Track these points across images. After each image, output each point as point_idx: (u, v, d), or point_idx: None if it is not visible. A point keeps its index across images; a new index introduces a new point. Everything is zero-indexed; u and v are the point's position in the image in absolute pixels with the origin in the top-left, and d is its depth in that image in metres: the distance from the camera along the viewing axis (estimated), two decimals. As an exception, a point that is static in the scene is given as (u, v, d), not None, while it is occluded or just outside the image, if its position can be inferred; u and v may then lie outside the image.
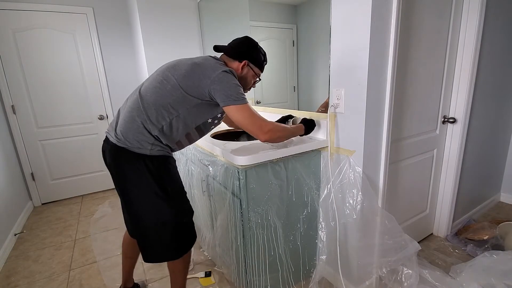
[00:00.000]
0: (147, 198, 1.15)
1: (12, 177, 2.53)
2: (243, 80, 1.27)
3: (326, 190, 1.47)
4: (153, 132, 1.11)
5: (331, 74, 1.38)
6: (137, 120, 1.11)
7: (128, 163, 1.12)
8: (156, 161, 1.14)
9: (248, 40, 1.29)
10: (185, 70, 1.13)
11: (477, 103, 1.87)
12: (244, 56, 1.25)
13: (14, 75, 2.66)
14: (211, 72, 1.10)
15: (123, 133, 1.12)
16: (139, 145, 1.11)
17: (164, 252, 1.23)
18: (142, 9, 2.50)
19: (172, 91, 1.11)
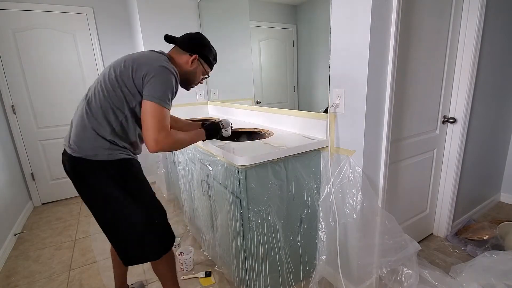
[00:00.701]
0: (114, 204, 1.12)
1: (12, 177, 2.53)
2: (192, 74, 1.25)
3: (326, 190, 1.47)
4: (106, 137, 1.08)
5: (331, 74, 1.38)
6: (88, 127, 1.07)
7: (88, 173, 1.09)
8: (117, 166, 1.11)
9: (202, 37, 1.28)
10: (124, 66, 1.08)
11: (477, 103, 1.87)
12: (196, 51, 1.23)
13: (14, 75, 2.66)
14: (153, 62, 1.06)
15: (77, 142, 1.09)
16: (95, 152, 1.07)
17: (141, 255, 1.21)
18: (142, 9, 2.50)
19: (114, 91, 1.07)
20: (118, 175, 1.11)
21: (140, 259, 1.22)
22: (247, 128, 1.97)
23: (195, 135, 1.28)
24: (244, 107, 2.28)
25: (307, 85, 1.79)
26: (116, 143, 1.10)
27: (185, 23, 2.71)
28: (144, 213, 1.17)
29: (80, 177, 1.12)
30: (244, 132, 1.96)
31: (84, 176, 1.11)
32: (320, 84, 1.66)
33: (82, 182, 1.13)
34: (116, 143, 1.10)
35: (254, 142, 1.48)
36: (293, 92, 1.90)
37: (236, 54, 2.41)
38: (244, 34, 2.21)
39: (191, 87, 1.32)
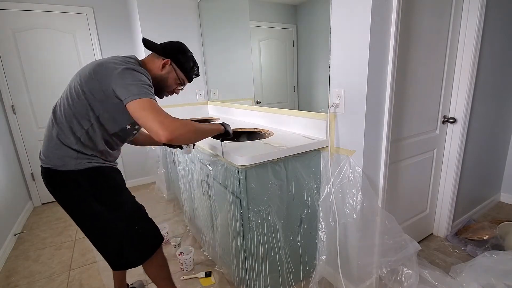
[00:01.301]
0: (89, 217, 1.11)
1: (12, 177, 2.53)
2: (163, 80, 1.18)
3: (326, 190, 1.47)
4: (72, 146, 1.04)
5: (331, 74, 1.38)
6: (54, 137, 1.06)
7: (60, 183, 1.08)
8: (87, 175, 1.07)
9: (180, 44, 1.21)
10: (88, 73, 1.03)
11: (477, 103, 1.87)
12: (169, 55, 1.16)
13: (14, 75, 2.66)
14: (114, 69, 0.99)
15: (45, 153, 1.08)
16: (63, 162, 1.05)
17: (124, 262, 1.19)
18: (142, 9, 2.50)
19: (78, 99, 1.03)
20: (88, 185, 1.07)
21: (124, 266, 1.21)
22: (247, 128, 1.97)
23: (212, 127, 1.21)
24: (244, 107, 2.28)
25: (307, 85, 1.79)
26: (83, 152, 1.06)
27: (185, 23, 2.71)
28: (121, 223, 1.14)
29: (55, 189, 1.10)
30: (244, 132, 1.96)
31: (56, 188, 1.09)
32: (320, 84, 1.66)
33: (58, 194, 1.11)
34: (83, 152, 1.06)
35: (254, 142, 1.48)
36: (293, 92, 1.90)
37: (236, 54, 2.41)
38: (244, 34, 2.21)
39: (165, 95, 1.25)
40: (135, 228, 1.17)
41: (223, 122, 1.31)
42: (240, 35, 2.30)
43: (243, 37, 2.25)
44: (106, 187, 1.12)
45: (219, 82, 2.77)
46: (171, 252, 2.00)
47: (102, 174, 1.11)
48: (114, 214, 1.12)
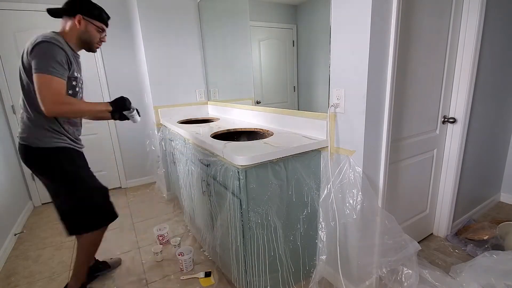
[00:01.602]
0: (51, 185, 1.34)
1: (12, 177, 2.53)
2: (85, 34, 1.32)
3: (326, 190, 1.47)
4: (33, 123, 1.22)
5: (331, 74, 1.38)
6: (22, 116, 1.27)
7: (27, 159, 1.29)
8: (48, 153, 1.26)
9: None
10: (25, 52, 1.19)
11: (477, 103, 1.87)
12: (75, 11, 1.26)
13: (14, 75, 2.66)
14: (34, 40, 1.15)
15: (19, 130, 1.29)
16: (28, 140, 1.24)
17: (75, 227, 1.40)
18: (142, 8, 2.50)
19: (23, 78, 1.20)
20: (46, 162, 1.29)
21: (74, 232, 1.41)
22: (247, 128, 1.97)
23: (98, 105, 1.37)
24: (244, 107, 2.28)
25: (307, 85, 1.79)
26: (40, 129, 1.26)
27: (185, 23, 2.71)
28: (74, 197, 1.35)
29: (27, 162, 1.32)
30: (244, 132, 1.96)
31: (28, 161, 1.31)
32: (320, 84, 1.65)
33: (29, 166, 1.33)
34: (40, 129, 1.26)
35: (254, 142, 1.48)
36: (293, 92, 1.90)
37: (236, 54, 2.41)
38: (244, 34, 2.21)
39: (96, 47, 1.40)
40: (84, 204, 1.38)
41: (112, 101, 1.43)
42: (240, 35, 2.30)
43: (243, 37, 2.25)
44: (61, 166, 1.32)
45: (219, 82, 2.77)
46: (171, 252, 2.00)
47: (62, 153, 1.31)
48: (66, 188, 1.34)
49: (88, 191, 1.40)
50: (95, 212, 1.43)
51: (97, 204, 1.43)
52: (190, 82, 2.84)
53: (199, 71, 2.87)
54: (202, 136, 1.67)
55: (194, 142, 1.75)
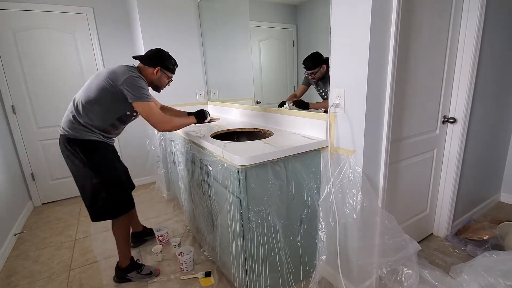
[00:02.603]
0: (81, 172, 1.52)
1: (12, 177, 2.53)
2: (158, 81, 1.64)
3: (326, 190, 1.47)
4: (83, 122, 1.48)
5: (331, 74, 1.38)
6: (69, 114, 1.52)
7: (66, 148, 1.50)
8: (86, 144, 1.50)
9: (159, 51, 1.63)
10: (104, 75, 1.46)
11: (477, 103, 1.87)
12: (157, 64, 1.59)
13: (14, 75, 2.66)
14: (122, 75, 1.43)
15: (63, 125, 1.54)
16: (74, 132, 1.49)
17: (101, 214, 1.60)
18: (142, 9, 2.50)
19: (96, 92, 1.45)
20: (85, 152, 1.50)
21: (95, 218, 1.60)
22: (247, 128, 1.97)
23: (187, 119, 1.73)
24: (244, 107, 2.28)
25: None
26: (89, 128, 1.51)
27: (185, 23, 2.71)
28: (102, 183, 1.53)
29: (64, 152, 1.54)
30: (244, 132, 1.96)
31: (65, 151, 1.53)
32: (320, 84, 1.65)
33: (65, 156, 1.54)
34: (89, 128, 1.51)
35: (254, 142, 1.48)
36: (293, 92, 1.90)
37: (236, 54, 2.41)
38: (244, 34, 2.21)
39: (161, 89, 1.72)
40: (110, 191, 1.57)
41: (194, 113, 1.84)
42: (240, 35, 2.30)
43: (243, 37, 2.25)
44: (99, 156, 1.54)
45: (219, 82, 2.76)
46: (171, 252, 2.00)
47: (99, 147, 1.54)
48: (98, 176, 1.52)
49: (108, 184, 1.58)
50: (112, 201, 1.60)
51: (113, 197, 1.59)
52: (190, 82, 2.84)
53: (199, 71, 2.87)
54: (202, 136, 1.67)
55: (194, 142, 1.75)
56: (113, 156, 1.65)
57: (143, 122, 3.27)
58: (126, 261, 1.73)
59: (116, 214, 1.63)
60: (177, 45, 2.70)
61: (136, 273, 1.72)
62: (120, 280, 1.73)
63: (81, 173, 1.52)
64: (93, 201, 1.56)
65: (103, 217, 1.61)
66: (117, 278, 1.73)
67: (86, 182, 1.53)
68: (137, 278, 1.72)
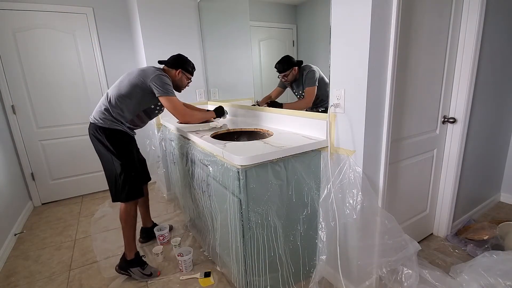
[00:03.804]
0: (106, 156, 1.71)
1: (12, 177, 2.54)
2: (180, 81, 1.88)
3: (326, 190, 1.47)
4: (113, 113, 1.69)
5: (331, 74, 1.38)
6: (101, 106, 1.71)
7: (94, 134, 1.70)
8: (112, 132, 1.70)
9: (181, 56, 1.88)
10: (135, 73, 1.69)
11: (477, 103, 1.87)
12: (178, 67, 1.84)
13: (14, 75, 2.66)
14: (151, 74, 1.67)
15: (94, 115, 1.72)
16: (104, 122, 1.68)
17: (114, 195, 1.75)
18: (142, 9, 2.50)
19: (128, 88, 1.67)
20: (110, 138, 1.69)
21: (114, 198, 1.76)
22: (247, 128, 1.97)
23: (208, 114, 1.98)
24: (244, 107, 2.28)
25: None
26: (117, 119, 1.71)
27: (185, 23, 2.71)
28: (123, 166, 1.71)
29: (91, 137, 1.74)
30: (244, 132, 1.96)
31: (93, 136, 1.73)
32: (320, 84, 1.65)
33: (93, 140, 1.74)
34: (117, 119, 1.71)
35: (254, 142, 1.48)
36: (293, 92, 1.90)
37: (236, 54, 2.41)
38: (244, 34, 2.21)
39: (182, 89, 1.95)
40: (131, 174, 1.74)
41: (215, 109, 2.00)
42: (240, 35, 2.30)
43: (243, 37, 2.25)
44: (120, 143, 1.73)
45: (219, 82, 2.76)
46: (172, 252, 2.00)
47: (121, 135, 1.73)
48: (120, 160, 1.70)
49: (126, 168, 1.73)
50: (125, 187, 1.73)
51: (128, 181, 1.73)
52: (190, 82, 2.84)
53: (199, 71, 2.87)
54: (202, 136, 1.67)
55: (194, 142, 1.75)
56: (132, 146, 1.83)
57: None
58: (131, 254, 1.77)
59: (126, 198, 1.74)
60: (177, 45, 2.70)
61: (139, 270, 1.75)
62: (122, 270, 1.77)
63: (104, 156, 1.72)
64: (110, 182, 1.74)
65: (115, 199, 1.76)
66: (119, 268, 1.78)
67: (108, 164, 1.72)
68: (138, 275, 1.74)
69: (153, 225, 2.23)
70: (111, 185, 1.75)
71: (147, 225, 2.19)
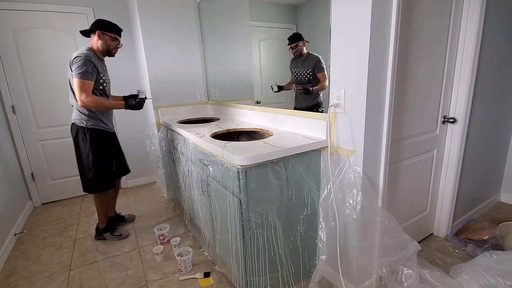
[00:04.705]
0: (81, 155, 1.96)
1: (12, 177, 2.53)
2: (104, 44, 1.91)
3: (326, 190, 1.47)
4: (80, 110, 1.89)
5: (331, 74, 1.38)
6: (73, 105, 1.94)
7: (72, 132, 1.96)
8: (86, 130, 1.92)
9: (97, 20, 1.91)
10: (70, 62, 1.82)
11: (477, 103, 1.87)
12: (96, 29, 1.87)
13: (14, 75, 2.66)
14: (72, 58, 1.78)
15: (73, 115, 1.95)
16: (76, 120, 1.93)
17: (85, 187, 2.04)
18: (142, 9, 2.50)
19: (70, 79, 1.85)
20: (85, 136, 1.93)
21: (85, 189, 2.05)
22: (247, 128, 1.97)
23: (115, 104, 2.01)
24: (244, 107, 2.28)
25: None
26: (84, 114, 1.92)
27: (185, 23, 2.70)
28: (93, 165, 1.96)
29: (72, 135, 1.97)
30: (244, 132, 1.96)
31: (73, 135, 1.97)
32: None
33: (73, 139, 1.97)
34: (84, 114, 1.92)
35: (254, 142, 1.48)
36: (293, 92, 1.90)
37: (236, 54, 2.41)
38: (244, 34, 2.21)
39: (114, 52, 1.99)
40: (97, 171, 1.99)
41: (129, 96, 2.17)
42: (240, 35, 2.30)
43: (243, 37, 2.25)
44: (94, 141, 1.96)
45: (219, 82, 2.76)
46: (171, 253, 2.00)
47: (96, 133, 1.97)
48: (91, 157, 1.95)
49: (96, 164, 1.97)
50: (94, 181, 2.00)
51: (96, 176, 2.00)
52: (190, 82, 2.84)
53: (199, 71, 2.87)
54: (202, 136, 1.67)
55: (194, 142, 1.75)
56: (106, 142, 2.02)
57: (143, 121, 3.27)
58: (103, 224, 2.20)
59: (99, 189, 2.05)
60: (177, 45, 2.70)
61: (109, 234, 2.19)
62: (99, 237, 2.21)
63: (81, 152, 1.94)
64: (82, 175, 1.99)
65: (85, 190, 2.05)
66: (96, 235, 2.22)
67: (83, 160, 1.95)
68: (110, 237, 2.19)
69: (115, 214, 2.41)
70: (83, 178, 2.01)
71: (109, 214, 2.33)
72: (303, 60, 1.79)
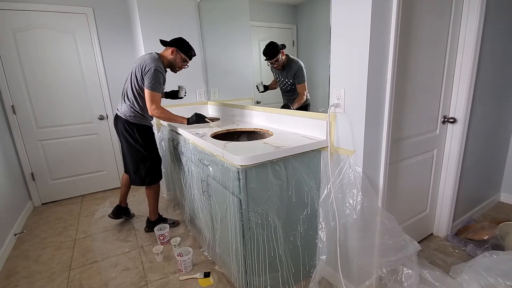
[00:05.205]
0: (131, 147, 2.05)
1: (12, 177, 2.53)
2: (173, 60, 2.00)
3: (326, 190, 1.47)
4: (134, 108, 2.00)
5: (331, 74, 1.38)
6: (128, 103, 2.02)
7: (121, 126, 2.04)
8: (135, 126, 2.03)
9: (179, 38, 2.03)
10: (135, 71, 1.94)
11: (477, 103, 1.87)
12: (174, 45, 1.98)
13: (14, 75, 2.66)
14: (147, 67, 1.87)
15: (120, 109, 2.05)
16: (127, 116, 2.01)
17: (136, 180, 2.15)
18: (142, 8, 2.50)
19: (134, 89, 1.96)
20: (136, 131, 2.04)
21: (135, 182, 2.17)
22: (247, 128, 1.97)
23: (179, 118, 2.05)
24: (244, 107, 2.28)
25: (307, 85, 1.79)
26: (137, 112, 2.03)
27: (185, 23, 2.70)
28: (147, 157, 2.09)
29: (118, 128, 2.09)
30: (244, 132, 1.96)
31: (120, 128, 2.07)
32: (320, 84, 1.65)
33: (119, 132, 2.08)
34: (137, 112, 2.03)
35: (254, 142, 1.48)
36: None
37: (236, 54, 2.41)
38: (244, 34, 2.21)
39: (177, 70, 2.08)
40: (153, 164, 2.14)
41: (192, 116, 2.09)
42: (240, 35, 2.30)
43: (243, 37, 2.25)
44: (145, 136, 2.09)
45: (219, 82, 2.76)
46: (171, 253, 2.00)
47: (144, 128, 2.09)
48: (145, 150, 2.08)
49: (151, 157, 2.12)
50: (154, 172, 2.14)
51: (156, 166, 2.15)
52: (190, 82, 2.84)
53: (199, 71, 2.87)
54: (202, 136, 1.67)
55: (194, 142, 1.75)
56: (153, 136, 2.16)
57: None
58: (155, 216, 2.29)
59: (154, 181, 2.18)
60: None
61: (166, 223, 2.27)
62: (150, 229, 2.27)
63: (132, 147, 2.05)
64: (135, 171, 2.09)
65: (140, 184, 2.15)
66: (147, 228, 2.29)
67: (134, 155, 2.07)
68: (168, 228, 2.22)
69: (126, 207, 2.48)
70: (133, 172, 2.10)
71: (122, 205, 2.43)
72: (282, 68, 1.84)
